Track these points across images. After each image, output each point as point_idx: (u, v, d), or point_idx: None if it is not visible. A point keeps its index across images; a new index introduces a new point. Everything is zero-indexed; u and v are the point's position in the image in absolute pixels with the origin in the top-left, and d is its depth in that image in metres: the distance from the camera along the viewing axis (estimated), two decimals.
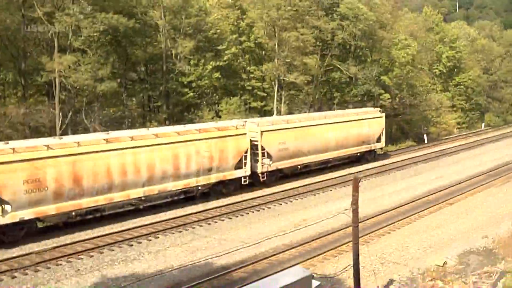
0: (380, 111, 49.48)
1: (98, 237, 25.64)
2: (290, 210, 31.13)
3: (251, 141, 34.44)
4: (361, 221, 19.63)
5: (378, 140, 47.66)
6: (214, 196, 33.11)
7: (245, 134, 33.73)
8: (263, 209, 31.25)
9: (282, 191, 35.51)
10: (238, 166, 33.47)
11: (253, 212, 30.64)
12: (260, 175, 35.28)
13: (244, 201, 32.85)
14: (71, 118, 42.27)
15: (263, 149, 35.18)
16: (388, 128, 70.29)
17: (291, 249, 24.13)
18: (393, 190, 36.38)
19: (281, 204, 32.47)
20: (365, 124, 45.27)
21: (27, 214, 24.11)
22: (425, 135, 70.74)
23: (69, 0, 41.39)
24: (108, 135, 28.30)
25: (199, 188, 31.64)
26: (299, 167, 39.17)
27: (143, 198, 28.70)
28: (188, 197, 31.98)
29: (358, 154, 45.77)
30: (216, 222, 28.51)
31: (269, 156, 35.77)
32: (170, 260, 22.76)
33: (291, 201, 33.21)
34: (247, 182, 34.29)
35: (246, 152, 33.63)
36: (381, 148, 49.33)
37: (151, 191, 28.77)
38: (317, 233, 26.31)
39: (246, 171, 33.86)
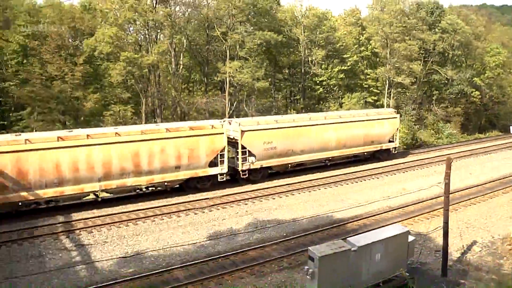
0: (395, 111, 37.67)
1: (252, 191, 26.56)
2: (393, 181, 29.85)
3: (234, 140, 27.52)
4: (451, 192, 18.36)
5: (391, 140, 36.30)
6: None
7: (222, 133, 26.22)
8: (373, 178, 30.33)
9: (389, 165, 34.12)
10: (215, 163, 26.35)
11: (365, 180, 29.85)
12: (241, 172, 27.67)
13: (358, 171, 32.08)
14: (236, 106, 44.18)
15: (244, 148, 27.36)
16: (478, 121, 64.79)
17: (393, 210, 23.27)
18: (480, 171, 33.20)
19: (387, 175, 31.27)
20: (375, 125, 34.25)
21: None
22: (510, 127, 63.74)
23: (238, 23, 43.06)
24: (71, 132, 22.79)
25: (166, 184, 24.93)
26: (289, 165, 30.12)
27: (99, 192, 23.18)
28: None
29: (366, 153, 34.73)
30: (337, 186, 28.19)
31: (252, 155, 27.85)
32: (302, 212, 22.99)
33: (395, 174, 31.77)
34: (223, 179, 26.95)
35: (222, 150, 26.24)
36: (395, 148, 36.80)
37: (108, 185, 22.86)
38: (414, 200, 25.06)
39: (222, 168, 26.45)
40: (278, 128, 28.70)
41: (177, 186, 26.06)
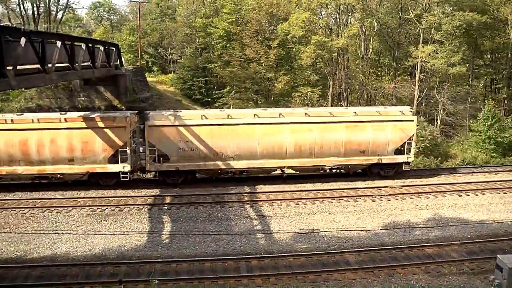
0: (410, 111, 25.51)
1: (434, 184, 24.51)
2: None
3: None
4: None
5: (401, 151, 24.89)
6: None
7: (124, 127, 22.57)
8: None
9: None
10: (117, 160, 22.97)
11: None
12: (149, 174, 23.45)
13: None
14: (426, 93, 41.32)
15: (152, 146, 22.99)
16: None
17: None
18: None
19: None
20: (368, 128, 24.11)
21: None
22: None
23: (435, 3, 39.88)
24: None
25: (60, 176, 22.98)
26: (219, 171, 24.09)
27: None
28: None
29: (350, 166, 24.85)
30: None
31: (163, 155, 23.12)
32: (492, 214, 20.41)
33: None
34: (127, 178, 23.13)
35: (124, 146, 22.68)
36: (408, 163, 25.35)
37: None
38: None
39: (125, 166, 22.87)
40: (200, 125, 23.29)
41: (83, 180, 23.86)
